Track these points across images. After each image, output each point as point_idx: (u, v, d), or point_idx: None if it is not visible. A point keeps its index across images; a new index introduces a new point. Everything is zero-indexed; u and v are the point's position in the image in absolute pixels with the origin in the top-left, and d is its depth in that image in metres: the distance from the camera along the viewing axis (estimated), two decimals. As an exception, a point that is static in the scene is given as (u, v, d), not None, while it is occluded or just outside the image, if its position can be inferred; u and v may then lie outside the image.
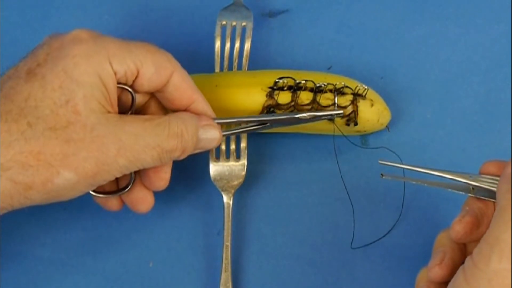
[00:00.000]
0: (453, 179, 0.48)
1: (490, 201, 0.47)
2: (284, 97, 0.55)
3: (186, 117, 0.50)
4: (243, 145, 0.56)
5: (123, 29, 0.62)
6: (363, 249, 0.55)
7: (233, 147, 0.56)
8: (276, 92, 0.55)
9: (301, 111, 0.54)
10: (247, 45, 0.58)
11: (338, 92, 0.55)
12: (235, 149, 0.56)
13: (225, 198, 0.55)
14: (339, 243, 0.55)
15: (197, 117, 0.50)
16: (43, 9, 0.63)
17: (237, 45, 0.58)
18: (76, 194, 0.47)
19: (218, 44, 0.58)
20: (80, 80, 0.46)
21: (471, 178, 0.47)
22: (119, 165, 0.47)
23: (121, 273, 0.55)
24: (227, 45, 0.58)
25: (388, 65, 0.60)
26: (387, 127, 0.58)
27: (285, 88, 0.55)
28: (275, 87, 0.55)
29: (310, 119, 0.54)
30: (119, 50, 0.47)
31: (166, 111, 0.52)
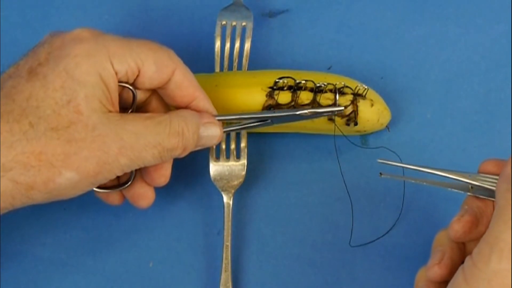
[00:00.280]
0: (452, 178, 0.48)
1: (489, 200, 0.47)
2: (284, 97, 0.55)
3: (187, 115, 0.50)
4: (243, 145, 0.56)
5: (123, 29, 0.62)
6: (363, 249, 0.55)
7: (233, 147, 0.56)
8: (276, 92, 0.55)
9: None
10: (247, 45, 0.58)
11: (338, 92, 0.55)
12: (235, 149, 0.56)
13: (225, 198, 0.55)
14: (339, 243, 0.55)
15: (199, 115, 0.51)
16: (43, 9, 0.63)
17: (237, 45, 0.58)
18: (77, 192, 0.47)
19: (218, 44, 0.58)
20: (81, 80, 0.46)
21: (470, 177, 0.47)
22: (121, 164, 0.47)
23: (121, 273, 0.55)
24: (227, 45, 0.58)
25: (388, 65, 0.60)
26: (387, 127, 0.58)
27: (285, 88, 0.55)
28: (275, 87, 0.55)
29: (311, 116, 0.53)
30: (120, 49, 0.47)
31: (167, 106, 0.52)
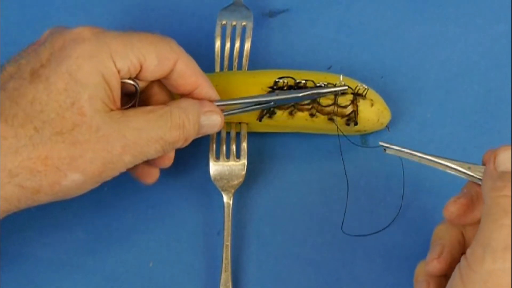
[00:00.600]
0: (453, 168, 0.47)
1: None
2: (284, 97, 0.55)
3: (187, 106, 0.50)
4: (243, 145, 0.56)
5: (123, 29, 0.60)
6: (363, 248, 0.55)
7: (233, 146, 0.56)
8: (276, 91, 0.55)
9: (301, 110, 0.55)
10: (247, 45, 0.58)
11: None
12: (235, 149, 0.56)
13: (225, 197, 0.55)
14: (339, 242, 0.55)
15: (199, 104, 0.51)
16: (43, 8, 0.63)
17: (237, 45, 0.59)
18: (82, 192, 0.48)
19: (218, 44, 0.58)
20: (84, 81, 0.46)
21: (470, 169, 0.47)
22: (124, 161, 0.47)
23: (121, 273, 0.55)
24: (227, 45, 0.58)
25: (388, 65, 0.60)
26: (387, 126, 0.58)
27: (285, 88, 0.55)
28: (275, 87, 0.55)
29: (313, 96, 0.53)
30: (122, 46, 0.47)
31: (170, 93, 0.52)
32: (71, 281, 0.54)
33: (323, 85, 0.55)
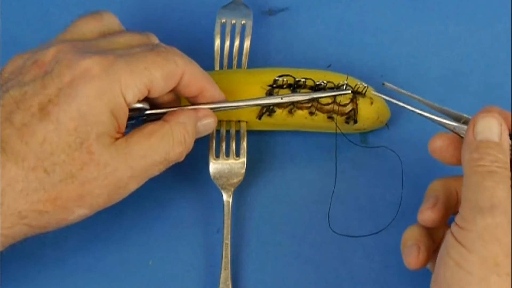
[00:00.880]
0: (445, 122, 0.48)
1: None
2: (283, 95, 0.55)
3: (186, 119, 0.50)
4: (243, 143, 0.56)
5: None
6: (362, 247, 0.55)
7: (233, 145, 0.56)
8: (275, 90, 0.55)
9: (301, 109, 0.55)
10: (247, 43, 0.58)
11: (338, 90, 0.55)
12: (235, 147, 0.56)
13: (225, 196, 0.55)
14: (338, 241, 0.55)
15: (195, 113, 0.51)
16: (43, 7, 0.63)
17: (237, 43, 0.59)
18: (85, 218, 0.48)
19: (217, 42, 0.58)
20: (94, 120, 0.45)
21: (462, 121, 0.48)
22: (130, 189, 0.48)
23: (121, 272, 0.55)
24: (227, 43, 0.58)
25: (387, 63, 0.60)
26: (386, 125, 0.58)
27: (284, 86, 0.55)
28: (274, 85, 0.55)
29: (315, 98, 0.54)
30: (131, 78, 0.46)
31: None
32: (71, 279, 0.54)
33: (323, 84, 0.55)
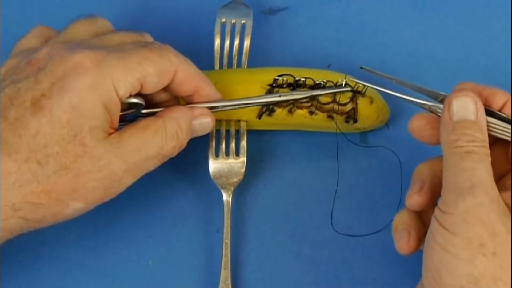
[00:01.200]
0: (421, 102, 0.48)
1: None
2: (283, 95, 0.55)
3: (179, 115, 0.50)
4: (243, 143, 0.56)
5: (122, 27, 0.61)
6: (362, 246, 0.55)
7: (232, 144, 0.56)
8: (275, 89, 0.55)
9: (301, 108, 0.55)
10: (247, 43, 0.58)
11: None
12: (235, 146, 0.56)
13: (225, 195, 0.55)
14: (338, 241, 0.55)
15: (190, 110, 0.51)
16: (42, 6, 0.63)
17: (237, 42, 0.59)
18: (82, 213, 0.48)
19: (217, 41, 0.59)
20: (87, 113, 0.45)
21: (440, 99, 0.48)
22: (125, 184, 0.48)
23: (121, 271, 0.55)
24: (227, 43, 0.58)
25: (387, 63, 0.60)
26: (386, 124, 0.58)
27: (284, 85, 0.55)
28: (274, 85, 0.55)
29: (314, 96, 0.54)
30: (123, 73, 0.46)
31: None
32: (71, 278, 0.54)
33: (322, 83, 0.55)
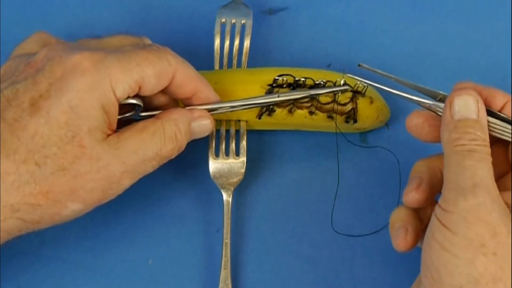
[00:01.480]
0: (421, 100, 0.48)
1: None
2: (283, 95, 0.55)
3: (178, 117, 0.50)
4: (243, 143, 0.56)
5: (122, 27, 0.62)
6: (362, 246, 0.55)
7: (232, 144, 0.56)
8: (275, 89, 0.55)
9: (301, 108, 0.55)
10: (247, 43, 0.58)
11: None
12: (235, 146, 0.56)
13: (225, 195, 0.55)
14: (338, 240, 0.55)
15: (189, 112, 0.51)
16: (42, 7, 0.63)
17: (237, 42, 0.59)
18: (80, 215, 0.48)
19: (217, 41, 0.58)
20: (85, 114, 0.45)
21: (439, 98, 0.48)
22: (124, 185, 0.48)
23: (121, 271, 0.55)
24: (227, 43, 0.58)
25: (387, 63, 0.60)
26: (386, 124, 0.58)
27: (284, 85, 0.55)
28: (274, 85, 0.55)
29: (312, 96, 0.54)
30: (121, 74, 0.46)
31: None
32: (70, 278, 0.54)
33: (322, 83, 0.55)
